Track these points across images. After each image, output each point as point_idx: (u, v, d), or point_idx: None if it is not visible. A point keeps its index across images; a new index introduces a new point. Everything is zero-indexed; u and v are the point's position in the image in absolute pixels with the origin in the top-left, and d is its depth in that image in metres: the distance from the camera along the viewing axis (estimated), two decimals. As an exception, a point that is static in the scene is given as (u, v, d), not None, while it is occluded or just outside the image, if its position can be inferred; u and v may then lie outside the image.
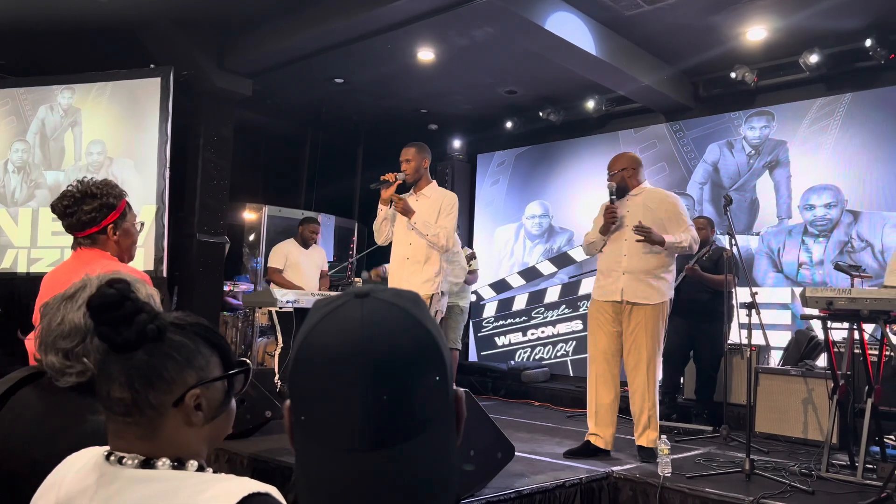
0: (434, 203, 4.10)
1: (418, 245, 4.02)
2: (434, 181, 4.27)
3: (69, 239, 2.23)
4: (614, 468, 3.64)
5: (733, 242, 4.40)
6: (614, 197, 4.02)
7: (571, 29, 5.59)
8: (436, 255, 4.03)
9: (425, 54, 6.39)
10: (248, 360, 1.10)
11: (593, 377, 4.03)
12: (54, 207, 2.13)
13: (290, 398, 0.68)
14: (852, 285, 4.61)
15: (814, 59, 5.89)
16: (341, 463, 0.62)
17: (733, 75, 6.29)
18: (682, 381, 5.61)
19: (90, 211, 2.11)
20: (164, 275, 5.97)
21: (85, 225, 2.11)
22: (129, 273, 2.00)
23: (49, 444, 1.25)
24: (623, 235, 4.05)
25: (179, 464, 0.98)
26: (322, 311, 0.67)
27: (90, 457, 1.00)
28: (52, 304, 1.40)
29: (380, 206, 4.17)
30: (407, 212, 4.02)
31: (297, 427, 0.67)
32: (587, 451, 3.97)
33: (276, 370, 5.23)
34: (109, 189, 2.16)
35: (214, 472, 0.99)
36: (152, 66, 6.28)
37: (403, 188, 4.21)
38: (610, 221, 4.01)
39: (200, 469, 0.99)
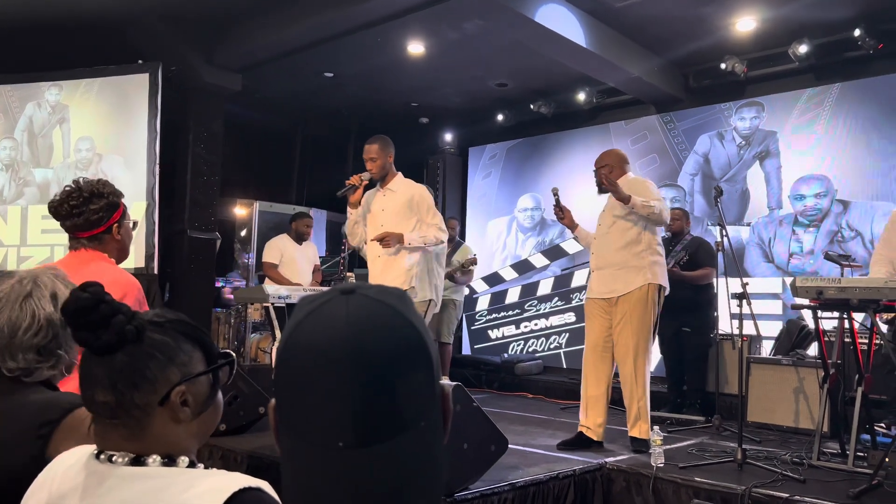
0: (402, 197, 4.05)
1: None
2: (399, 173, 4.18)
3: (59, 237, 2.21)
4: (608, 459, 3.66)
5: (724, 233, 4.42)
6: (558, 198, 4.29)
7: (561, 21, 5.59)
8: (405, 250, 4.01)
9: (415, 47, 6.37)
10: (231, 352, 1.10)
11: (585, 369, 4.09)
12: (58, 209, 2.09)
13: (275, 396, 0.67)
14: (842, 275, 4.63)
15: (803, 49, 5.90)
16: (328, 461, 0.62)
17: (723, 66, 6.31)
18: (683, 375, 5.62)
19: (98, 210, 2.08)
20: (156, 271, 5.95)
21: (93, 224, 2.09)
22: (114, 276, 2.00)
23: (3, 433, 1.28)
24: (595, 234, 4.20)
25: (170, 460, 0.97)
26: (307, 309, 0.66)
27: (80, 455, 1.00)
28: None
29: (349, 210, 4.14)
30: (399, 240, 3.97)
31: (283, 425, 0.66)
32: (580, 443, 3.99)
33: (273, 365, 5.22)
34: (110, 187, 2.15)
35: (206, 468, 0.99)
36: (140, 61, 6.24)
37: (370, 185, 4.18)
38: (561, 221, 4.29)
39: (191, 465, 0.99)
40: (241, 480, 0.92)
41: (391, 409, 0.62)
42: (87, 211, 2.07)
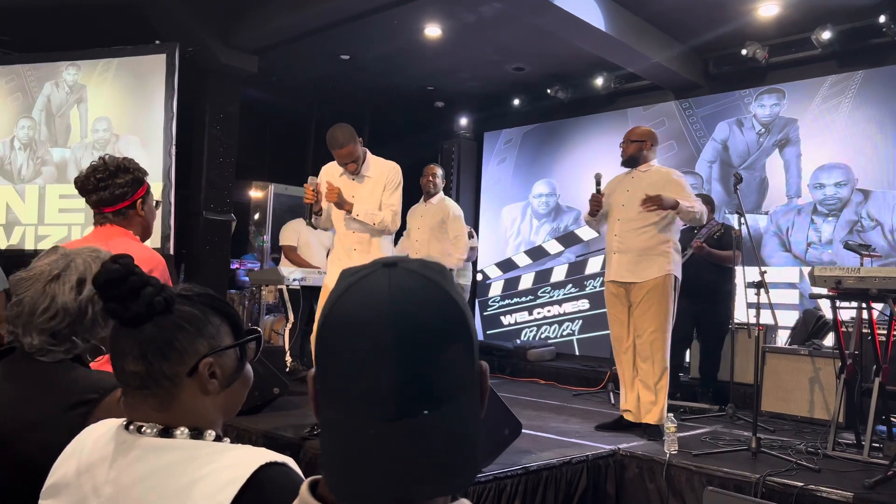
0: (378, 181, 3.73)
1: (362, 231, 3.71)
2: (367, 151, 3.80)
3: (76, 217, 2.23)
4: (621, 445, 3.66)
5: (742, 221, 4.38)
6: (600, 187, 4.11)
7: (581, 4, 5.52)
8: (384, 237, 3.76)
9: (432, 30, 6.33)
10: (258, 328, 1.11)
11: (617, 356, 4.12)
12: (84, 183, 2.09)
13: (315, 366, 0.68)
14: (861, 264, 4.58)
15: (826, 35, 5.81)
16: (367, 431, 0.62)
17: (744, 52, 6.21)
18: (686, 360, 5.62)
19: (123, 185, 2.09)
20: (171, 252, 5.98)
21: (117, 199, 2.09)
22: (139, 251, 2.00)
23: (33, 410, 1.29)
24: (617, 215, 4.08)
25: (197, 433, 0.99)
26: (349, 281, 0.66)
27: (109, 426, 1.01)
28: (30, 282, 1.39)
29: (315, 216, 3.79)
30: (342, 205, 3.64)
31: (322, 396, 0.67)
32: (619, 426, 4.05)
33: (287, 347, 5.24)
34: (136, 164, 2.17)
35: (232, 442, 1.00)
36: (157, 42, 6.24)
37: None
38: (594, 210, 4.13)
39: (218, 438, 1.00)
40: (266, 455, 0.93)
41: (432, 383, 0.63)
42: (112, 185, 2.08)
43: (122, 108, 6.31)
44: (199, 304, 1.03)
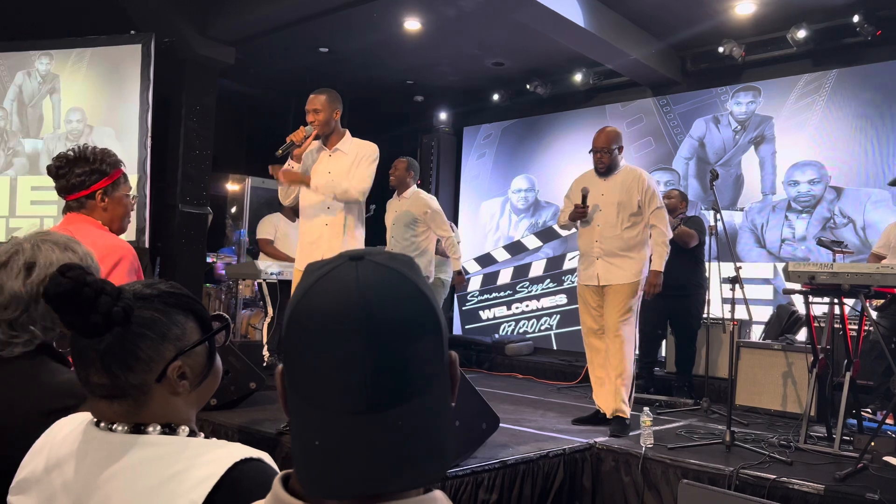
0: (355, 158, 3.63)
1: (336, 208, 3.58)
2: (347, 132, 3.73)
3: (48, 209, 2.20)
4: (597, 439, 3.68)
5: (718, 217, 4.43)
6: (587, 201, 4.03)
7: (560, 0, 5.53)
8: (356, 218, 3.63)
9: (412, 24, 6.30)
10: (224, 314, 1.07)
11: (588, 353, 4.18)
12: (49, 168, 2.15)
13: (284, 362, 0.67)
14: (834, 260, 4.65)
15: (801, 34, 5.88)
16: (337, 425, 0.62)
17: (721, 50, 6.28)
18: (662, 355, 5.68)
19: (80, 174, 2.10)
20: (147, 245, 5.91)
21: (73, 188, 2.10)
22: (102, 241, 1.96)
23: (8, 416, 1.21)
24: (596, 220, 4.11)
25: (170, 430, 0.96)
26: (316, 275, 0.66)
27: (79, 422, 0.99)
28: None
29: (290, 163, 3.63)
30: (302, 181, 3.55)
31: (291, 391, 0.66)
32: (595, 420, 4.09)
33: (265, 342, 5.20)
34: (105, 157, 2.16)
35: (206, 437, 0.98)
36: (133, 32, 6.14)
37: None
38: (577, 219, 4.12)
39: (192, 434, 0.98)
40: (242, 451, 0.92)
41: (402, 376, 0.62)
42: (69, 173, 2.10)
43: (96, 98, 6.20)
44: (161, 304, 0.97)
